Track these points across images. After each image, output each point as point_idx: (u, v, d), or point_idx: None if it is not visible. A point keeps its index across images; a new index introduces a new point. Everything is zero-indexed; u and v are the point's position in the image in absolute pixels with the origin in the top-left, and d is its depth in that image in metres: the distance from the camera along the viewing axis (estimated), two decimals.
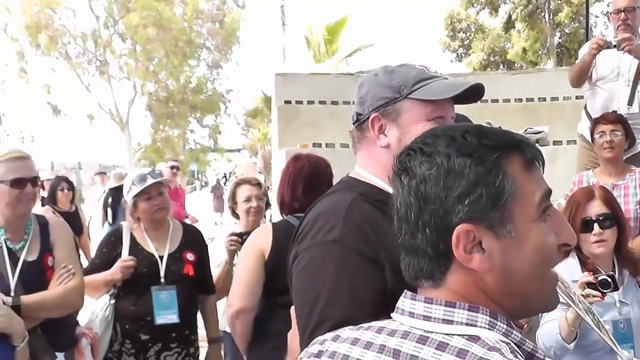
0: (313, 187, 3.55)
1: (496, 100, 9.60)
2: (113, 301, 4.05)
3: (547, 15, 28.96)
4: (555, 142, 8.03)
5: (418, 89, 1.90)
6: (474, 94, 1.93)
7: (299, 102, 9.91)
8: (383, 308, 1.31)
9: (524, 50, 28.96)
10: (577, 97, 7.51)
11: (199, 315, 4.37)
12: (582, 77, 5.55)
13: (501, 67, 30.02)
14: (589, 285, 3.04)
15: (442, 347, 1.13)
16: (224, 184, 33.12)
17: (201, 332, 4.42)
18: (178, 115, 32.07)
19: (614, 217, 3.38)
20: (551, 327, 3.18)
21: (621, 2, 5.52)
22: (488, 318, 1.17)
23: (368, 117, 1.94)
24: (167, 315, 4.01)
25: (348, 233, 1.76)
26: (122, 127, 30.69)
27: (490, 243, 1.17)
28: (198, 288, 4.27)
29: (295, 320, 1.84)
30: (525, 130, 8.12)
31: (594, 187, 3.54)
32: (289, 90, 10.16)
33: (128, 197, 4.13)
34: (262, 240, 3.54)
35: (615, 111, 5.28)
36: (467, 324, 1.16)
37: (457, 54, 31.64)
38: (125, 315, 4.02)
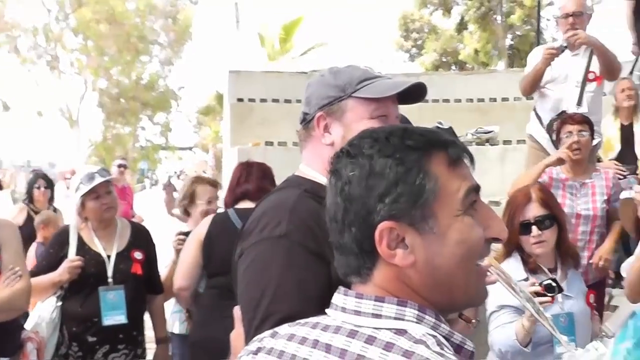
0: (259, 189, 3.88)
1: (447, 100, 9.71)
2: (60, 303, 3.98)
3: (499, 18, 29.32)
4: (505, 142, 8.14)
5: (362, 88, 1.93)
6: (418, 93, 1.97)
7: (252, 100, 9.88)
8: (329, 303, 1.32)
9: (476, 51, 29.29)
10: (527, 98, 7.60)
11: (146, 316, 4.33)
12: (535, 85, 5.64)
13: (453, 67, 30.29)
14: (538, 294, 3.12)
15: (370, 340, 1.16)
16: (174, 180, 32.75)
17: (149, 332, 4.37)
18: (129, 112, 31.69)
19: (552, 217, 3.46)
20: (505, 332, 3.25)
21: (569, 7, 5.62)
22: (416, 312, 1.20)
23: (314, 116, 1.98)
24: (114, 316, 3.95)
25: (294, 229, 1.78)
26: (72, 124, 30.24)
27: (413, 239, 1.20)
28: (146, 287, 4.22)
29: (241, 319, 1.83)
30: (476, 130, 8.23)
31: (532, 189, 3.60)
32: (242, 88, 10.11)
33: (76, 196, 4.06)
34: (201, 229, 4.05)
35: (564, 111, 5.38)
36: (395, 318, 1.20)
37: (410, 54, 31.85)
38: (72, 317, 3.95)
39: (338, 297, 1.28)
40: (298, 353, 1.25)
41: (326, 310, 1.31)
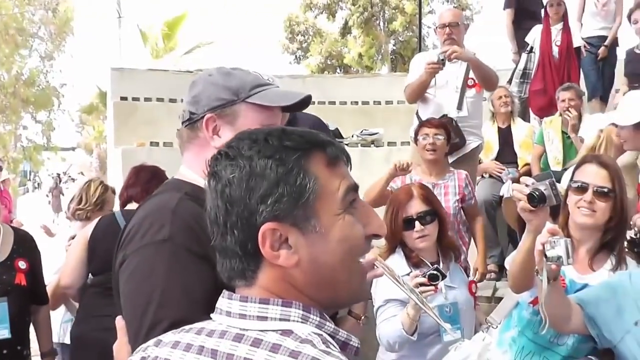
0: (145, 192, 3.97)
1: (333, 103, 9.84)
2: None
3: (381, 23, 29.92)
4: (389, 143, 8.34)
5: (255, 94, 1.91)
6: (301, 103, 1.99)
7: (136, 99, 9.72)
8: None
9: (360, 55, 29.77)
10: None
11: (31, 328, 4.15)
12: (420, 94, 5.79)
13: (338, 70, 30.68)
14: (423, 284, 3.24)
15: (256, 343, 1.16)
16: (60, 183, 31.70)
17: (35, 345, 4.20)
18: (9, 109, 30.28)
19: (434, 213, 3.63)
20: (392, 324, 3.36)
21: (446, 17, 5.86)
22: (301, 312, 1.22)
23: (202, 117, 1.92)
24: None
25: (177, 232, 1.75)
26: None
27: (296, 239, 1.21)
28: (31, 298, 4.03)
29: (124, 329, 1.78)
30: (362, 132, 8.38)
31: (413, 186, 3.76)
32: (125, 86, 9.92)
33: None
34: (88, 229, 4.17)
35: (446, 115, 5.56)
36: (280, 319, 1.21)
37: (296, 56, 32.01)
38: None
39: (222, 302, 1.28)
40: None
41: (211, 315, 1.30)
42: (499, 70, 6.15)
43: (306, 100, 1.98)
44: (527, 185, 2.70)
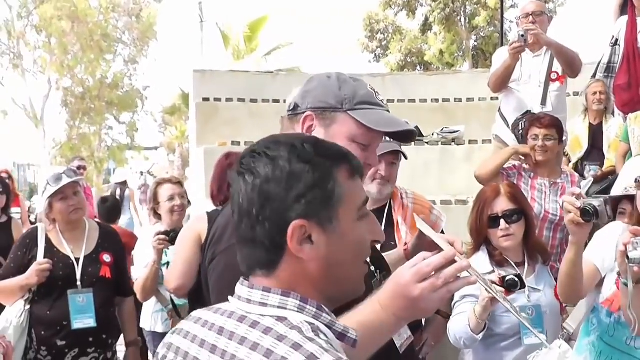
0: None
1: (413, 100, 9.75)
2: (28, 306, 3.93)
3: (463, 19, 29.53)
4: (471, 142, 8.21)
5: (359, 110, 1.93)
6: (408, 134, 1.99)
7: (218, 100, 9.82)
8: None
9: (441, 52, 29.44)
10: (492, 99, 7.68)
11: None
12: (505, 81, 5.68)
13: (418, 68, 30.43)
14: (494, 284, 3.17)
15: (254, 325, 1.34)
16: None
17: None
18: (94, 111, 31.21)
19: (520, 212, 3.56)
20: (461, 319, 3.33)
21: (529, 7, 5.72)
22: (298, 302, 1.38)
23: (303, 113, 1.97)
24: (83, 320, 3.93)
25: None
26: (37, 123, 29.71)
27: (319, 237, 1.38)
28: (115, 290, 4.18)
29: None
30: (442, 130, 8.28)
31: (502, 184, 3.69)
32: (207, 87, 10.04)
33: (43, 197, 4.02)
34: (199, 225, 3.74)
35: (529, 110, 5.45)
36: (278, 307, 1.37)
37: (376, 54, 31.89)
38: (41, 321, 3.92)
39: (239, 288, 1.45)
40: (199, 334, 1.43)
41: (229, 298, 1.47)
42: (585, 65, 5.98)
43: (413, 134, 1.99)
44: (577, 198, 2.66)
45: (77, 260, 4.01)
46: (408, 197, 3.94)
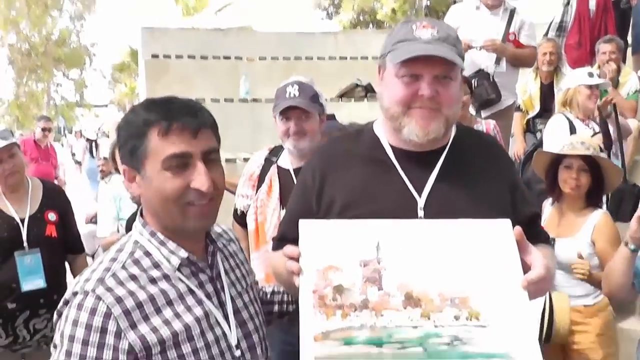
0: None
1: (365, 58, 9.78)
2: None
3: None
4: None
5: (394, 51, 2.01)
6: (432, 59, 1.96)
7: (167, 57, 9.83)
8: None
9: (393, 10, 29.39)
10: None
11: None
12: None
13: (371, 26, 30.37)
14: None
15: (124, 244, 1.83)
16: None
17: None
18: (41, 68, 30.56)
19: None
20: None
21: None
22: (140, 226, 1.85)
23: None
24: (33, 281, 3.83)
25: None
26: None
27: (138, 179, 1.78)
28: (65, 248, 4.10)
29: None
30: None
31: None
32: (156, 44, 10.02)
33: None
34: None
35: (482, 69, 5.47)
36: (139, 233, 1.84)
37: (328, 12, 31.74)
38: None
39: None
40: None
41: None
42: (538, 25, 6.00)
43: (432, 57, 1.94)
44: None
45: (22, 220, 3.89)
46: None
